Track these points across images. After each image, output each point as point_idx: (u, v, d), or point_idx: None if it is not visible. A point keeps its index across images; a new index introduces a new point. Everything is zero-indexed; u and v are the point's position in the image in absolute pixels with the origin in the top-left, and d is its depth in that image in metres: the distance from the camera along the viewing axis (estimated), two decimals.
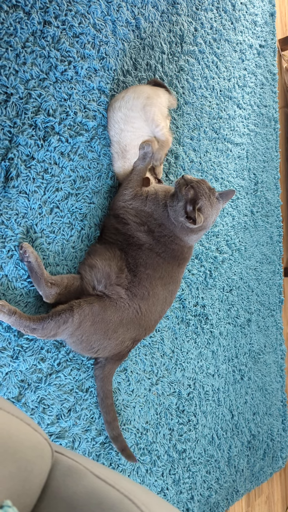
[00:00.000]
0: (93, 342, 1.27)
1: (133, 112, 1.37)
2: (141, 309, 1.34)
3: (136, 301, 1.33)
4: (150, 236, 1.38)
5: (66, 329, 1.20)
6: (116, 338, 1.31)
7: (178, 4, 1.74)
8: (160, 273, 1.37)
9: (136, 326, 1.34)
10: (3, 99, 1.18)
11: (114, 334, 1.29)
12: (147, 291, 1.35)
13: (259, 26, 2.30)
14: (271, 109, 2.42)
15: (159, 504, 0.76)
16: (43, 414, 1.28)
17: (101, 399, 1.39)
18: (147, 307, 1.35)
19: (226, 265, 2.04)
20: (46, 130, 1.28)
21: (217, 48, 1.97)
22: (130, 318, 1.32)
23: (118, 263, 1.33)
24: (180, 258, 1.42)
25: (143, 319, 1.35)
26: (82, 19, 1.36)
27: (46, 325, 1.18)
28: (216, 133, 1.98)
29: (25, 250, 1.19)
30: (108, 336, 1.28)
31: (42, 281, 1.21)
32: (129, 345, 1.36)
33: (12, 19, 1.19)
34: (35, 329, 1.17)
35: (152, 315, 1.38)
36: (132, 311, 1.32)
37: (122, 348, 1.34)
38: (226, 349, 2.02)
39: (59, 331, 1.20)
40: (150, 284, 1.35)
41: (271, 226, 2.41)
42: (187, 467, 1.78)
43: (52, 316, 1.19)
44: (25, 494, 0.67)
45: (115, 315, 1.29)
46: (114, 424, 1.41)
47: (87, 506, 0.67)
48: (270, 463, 2.35)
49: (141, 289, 1.34)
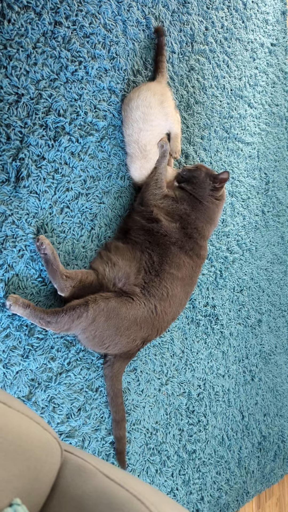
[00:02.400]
0: (105, 338, 1.27)
1: (152, 109, 1.38)
2: (156, 310, 1.34)
3: (152, 301, 1.33)
4: (182, 232, 1.42)
5: (80, 324, 1.21)
6: (128, 336, 1.30)
7: (188, 3, 1.73)
8: (182, 273, 1.39)
9: (150, 326, 1.34)
10: (14, 100, 1.19)
11: (126, 332, 1.29)
12: (166, 291, 1.35)
13: (271, 25, 2.28)
14: (282, 108, 2.40)
15: (168, 504, 0.75)
16: (53, 413, 1.28)
17: (111, 398, 1.39)
18: (163, 308, 1.36)
19: (236, 265, 2.03)
20: (57, 130, 1.28)
21: (228, 47, 1.96)
22: (145, 317, 1.32)
23: (137, 265, 1.35)
24: (203, 257, 1.48)
25: (157, 319, 1.35)
26: (93, 19, 1.36)
27: (60, 318, 1.18)
28: (227, 132, 1.97)
29: (42, 242, 1.21)
30: (120, 333, 1.28)
31: (58, 273, 1.22)
32: (139, 345, 1.36)
33: (23, 20, 1.20)
34: (49, 322, 1.18)
35: (166, 316, 1.38)
36: (148, 311, 1.32)
37: (132, 347, 1.34)
38: (236, 350, 2.01)
39: (72, 326, 1.20)
40: (171, 284, 1.37)
41: (282, 226, 2.39)
42: (197, 468, 1.77)
43: (66, 310, 1.20)
44: (34, 492, 0.67)
45: (130, 313, 1.29)
46: (122, 424, 1.41)
47: (96, 506, 0.67)
48: (281, 464, 2.34)
49: (160, 290, 1.34)
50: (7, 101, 1.18)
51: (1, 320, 1.18)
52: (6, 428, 0.66)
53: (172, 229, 1.41)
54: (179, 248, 1.40)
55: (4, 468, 0.61)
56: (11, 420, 0.68)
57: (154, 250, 1.37)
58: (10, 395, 0.77)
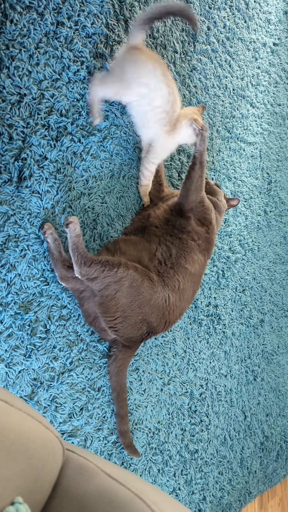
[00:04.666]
0: (120, 306, 1.27)
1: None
2: (169, 300, 1.35)
3: (166, 291, 1.34)
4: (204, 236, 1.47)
5: (106, 278, 1.22)
6: (139, 315, 1.30)
7: (191, 3, 1.73)
8: (195, 269, 1.42)
9: (160, 315, 1.35)
10: (17, 100, 1.19)
11: (138, 309, 1.29)
12: (178, 284, 1.37)
13: (273, 24, 2.28)
14: (285, 107, 2.39)
15: (170, 504, 0.75)
16: (56, 412, 1.29)
17: (116, 393, 1.39)
18: (174, 300, 1.37)
19: (239, 265, 2.02)
20: (59, 130, 1.28)
21: (230, 46, 1.96)
22: (158, 304, 1.33)
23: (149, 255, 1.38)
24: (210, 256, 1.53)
25: (167, 310, 1.36)
26: (95, 19, 1.37)
27: (94, 264, 1.20)
28: (229, 132, 1.97)
29: (45, 231, 1.23)
30: (133, 308, 1.28)
31: (59, 262, 1.24)
32: (144, 334, 1.35)
33: (26, 20, 1.20)
34: (85, 262, 1.20)
35: (176, 310, 1.39)
36: (162, 298, 1.33)
37: (136, 333, 1.33)
38: (238, 350, 2.00)
39: (100, 276, 1.21)
40: (183, 278, 1.39)
41: (284, 225, 2.38)
42: (199, 468, 1.77)
43: (101, 260, 1.22)
44: (36, 491, 0.67)
45: (147, 291, 1.29)
46: (125, 419, 1.42)
47: (98, 504, 0.67)
48: (283, 465, 2.33)
49: (173, 281, 1.36)
50: (10, 101, 1.18)
51: (4, 319, 1.18)
52: (8, 426, 0.66)
53: (199, 232, 1.45)
54: (197, 245, 1.44)
55: (6, 467, 0.61)
56: (13, 419, 0.68)
57: (174, 244, 1.40)
58: (12, 394, 0.77)
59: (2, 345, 1.18)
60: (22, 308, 1.22)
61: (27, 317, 1.22)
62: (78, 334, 1.34)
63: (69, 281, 1.26)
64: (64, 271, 1.25)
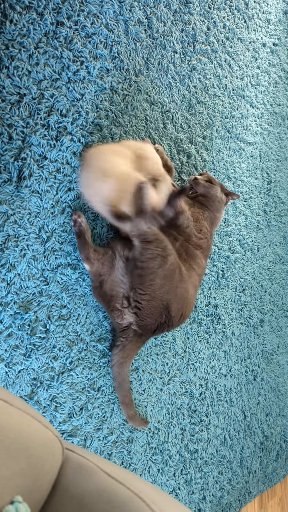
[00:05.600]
0: (154, 284, 1.29)
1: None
2: (188, 292, 1.38)
3: (188, 283, 1.37)
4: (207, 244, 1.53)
5: (158, 249, 1.27)
6: (163, 300, 1.32)
7: (190, 3, 1.73)
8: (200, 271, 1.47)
9: (179, 306, 1.36)
10: (16, 100, 1.19)
11: (166, 295, 1.31)
12: (194, 280, 1.42)
13: (273, 25, 2.28)
14: (284, 107, 2.39)
15: (170, 503, 0.75)
16: (55, 412, 1.29)
17: (118, 383, 1.39)
18: (191, 295, 1.40)
19: (238, 264, 2.02)
20: (59, 130, 1.29)
21: (230, 47, 1.96)
22: (181, 294, 1.35)
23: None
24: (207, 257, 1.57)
25: (186, 302, 1.38)
26: (95, 19, 1.37)
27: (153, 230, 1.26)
28: (228, 132, 1.97)
29: (75, 219, 1.30)
30: (162, 291, 1.30)
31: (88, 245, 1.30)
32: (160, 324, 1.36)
33: (25, 20, 1.20)
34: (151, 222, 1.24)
35: (190, 305, 1.42)
36: (184, 289, 1.36)
37: (154, 319, 1.34)
38: (238, 350, 2.00)
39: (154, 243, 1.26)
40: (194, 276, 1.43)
41: (284, 225, 2.38)
42: (199, 468, 1.77)
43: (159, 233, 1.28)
44: (35, 490, 0.67)
45: (177, 279, 1.33)
46: (131, 405, 1.44)
47: (97, 503, 0.68)
48: (283, 464, 2.33)
49: (191, 276, 1.40)
50: (9, 101, 1.18)
51: (4, 319, 1.18)
52: (8, 426, 0.66)
53: (201, 244, 1.49)
54: (201, 253, 1.49)
55: (5, 466, 0.61)
56: (13, 419, 0.68)
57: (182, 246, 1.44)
58: (12, 394, 0.77)
59: (2, 345, 1.18)
60: (22, 308, 1.22)
61: (27, 316, 1.22)
62: (78, 334, 1.34)
63: (94, 264, 1.30)
64: (91, 253, 1.29)
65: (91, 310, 1.37)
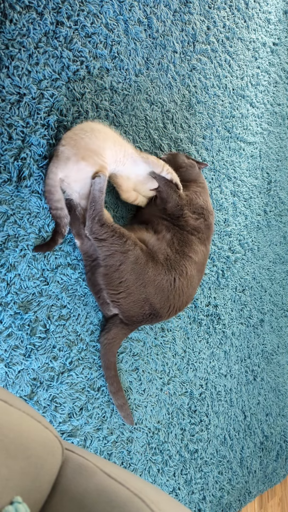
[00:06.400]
0: (124, 281, 1.29)
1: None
2: (175, 283, 1.37)
3: (173, 274, 1.36)
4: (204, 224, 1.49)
5: (114, 245, 1.25)
6: (142, 293, 1.32)
7: (190, 3, 1.73)
8: (198, 258, 1.45)
9: (164, 298, 1.36)
10: (16, 100, 1.19)
11: (142, 288, 1.31)
12: (186, 270, 1.40)
13: (273, 24, 2.28)
14: (284, 107, 2.39)
15: (170, 503, 0.75)
16: (55, 412, 1.28)
17: (103, 368, 1.39)
18: (181, 284, 1.39)
19: (238, 264, 2.02)
20: (59, 130, 1.28)
21: (230, 46, 1.96)
22: (163, 285, 1.34)
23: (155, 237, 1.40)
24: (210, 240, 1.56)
25: (172, 294, 1.37)
26: (95, 19, 1.37)
27: (106, 226, 1.23)
28: (228, 132, 1.97)
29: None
30: (137, 285, 1.30)
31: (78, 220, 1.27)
32: (146, 315, 1.36)
33: (25, 20, 1.20)
34: (99, 220, 1.22)
35: (182, 296, 1.41)
36: (167, 281, 1.35)
37: (138, 312, 1.34)
38: (238, 350, 2.00)
39: (108, 240, 1.24)
40: (189, 265, 1.41)
41: (284, 225, 2.38)
42: (199, 468, 1.77)
43: (114, 226, 1.26)
44: (35, 490, 0.67)
45: (152, 271, 1.32)
46: (119, 393, 1.42)
47: (97, 504, 0.67)
48: (283, 464, 2.33)
49: (180, 266, 1.39)
50: (9, 100, 1.18)
51: (3, 319, 1.18)
52: (8, 426, 0.66)
53: (198, 226, 1.47)
54: (198, 238, 1.47)
55: (5, 466, 0.61)
56: (12, 419, 0.68)
57: (176, 235, 1.42)
58: (11, 394, 0.77)
59: (2, 345, 1.18)
60: (21, 308, 1.22)
61: (26, 316, 1.22)
62: (77, 334, 1.34)
63: (84, 241, 1.28)
64: (82, 230, 1.27)
65: (91, 310, 1.37)
